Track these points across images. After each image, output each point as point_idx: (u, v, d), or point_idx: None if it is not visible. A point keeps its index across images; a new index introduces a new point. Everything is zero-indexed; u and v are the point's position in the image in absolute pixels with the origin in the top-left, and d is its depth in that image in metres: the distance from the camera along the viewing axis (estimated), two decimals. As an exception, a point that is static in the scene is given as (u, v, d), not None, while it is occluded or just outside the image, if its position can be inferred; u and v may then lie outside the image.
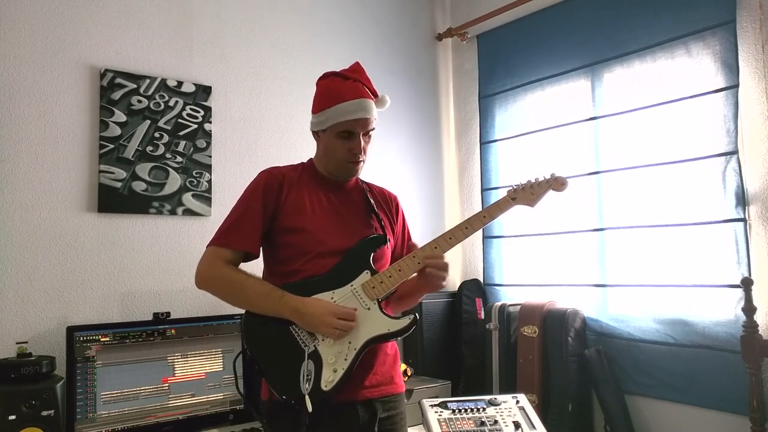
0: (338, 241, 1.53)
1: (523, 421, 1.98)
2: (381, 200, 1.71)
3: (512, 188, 1.65)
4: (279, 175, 1.58)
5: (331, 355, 1.44)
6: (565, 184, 1.61)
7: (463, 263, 3.29)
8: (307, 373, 1.42)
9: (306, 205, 1.55)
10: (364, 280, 1.50)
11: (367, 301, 1.49)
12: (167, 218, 2.34)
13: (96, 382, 1.95)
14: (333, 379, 1.42)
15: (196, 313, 2.29)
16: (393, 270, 1.52)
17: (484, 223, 1.60)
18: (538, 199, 1.63)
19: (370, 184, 1.75)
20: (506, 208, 1.62)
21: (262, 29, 2.69)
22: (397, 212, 1.75)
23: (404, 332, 1.47)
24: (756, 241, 2.17)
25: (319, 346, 1.45)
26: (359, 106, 1.53)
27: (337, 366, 1.43)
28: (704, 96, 2.31)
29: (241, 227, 1.52)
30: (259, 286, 1.48)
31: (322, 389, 1.41)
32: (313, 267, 1.51)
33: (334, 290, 1.49)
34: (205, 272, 1.51)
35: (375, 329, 1.47)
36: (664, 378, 2.35)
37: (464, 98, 3.35)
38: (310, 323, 1.44)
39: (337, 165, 1.59)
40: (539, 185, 1.63)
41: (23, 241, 2.03)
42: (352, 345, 1.45)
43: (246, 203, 1.55)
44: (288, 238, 1.53)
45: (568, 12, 2.81)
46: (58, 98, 2.14)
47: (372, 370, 1.52)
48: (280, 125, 2.69)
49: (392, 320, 1.48)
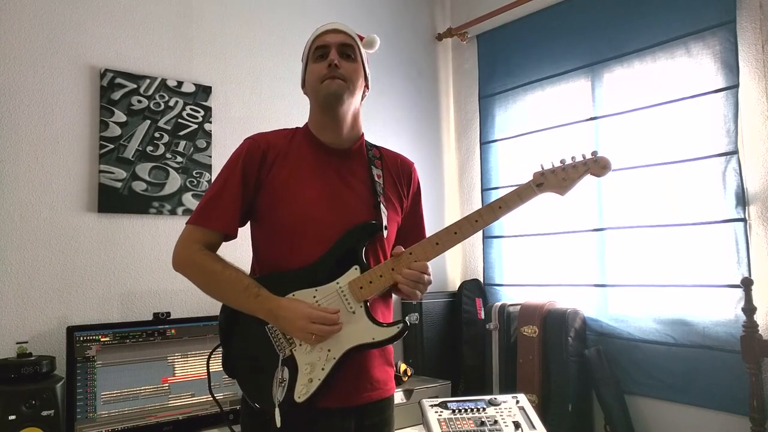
0: (328, 225, 1.37)
1: (523, 421, 1.98)
2: (392, 169, 1.53)
3: (539, 172, 1.38)
4: (263, 142, 1.43)
5: (307, 363, 1.31)
6: (607, 167, 1.34)
7: (463, 263, 3.29)
8: (280, 380, 1.30)
9: (292, 177, 1.40)
10: (352, 277, 1.34)
11: (352, 304, 1.33)
12: (167, 218, 2.34)
13: (96, 382, 1.95)
14: (307, 391, 1.29)
15: (196, 313, 2.29)
16: (385, 269, 1.35)
17: (499, 215, 1.37)
18: (571, 186, 1.36)
19: (381, 149, 1.55)
20: (528, 197, 1.36)
21: (262, 29, 2.69)
22: (410, 184, 1.57)
23: (390, 341, 1.34)
24: (756, 241, 2.17)
25: (295, 351, 1.32)
26: (330, 23, 1.47)
27: (313, 376, 1.30)
28: (704, 96, 2.31)
29: (219, 205, 1.38)
30: (236, 281, 1.34)
31: (295, 400, 1.29)
32: (298, 254, 1.36)
33: (318, 288, 1.34)
34: (180, 256, 1.38)
35: (357, 337, 1.32)
36: (664, 378, 2.35)
37: (464, 98, 3.35)
38: (284, 327, 1.31)
39: (318, 93, 1.41)
40: (575, 168, 1.36)
41: (23, 241, 2.03)
42: (331, 354, 1.31)
43: (225, 177, 1.40)
44: (270, 215, 1.40)
45: (568, 12, 2.81)
46: (58, 98, 2.14)
47: (356, 374, 1.38)
48: (280, 125, 2.64)
49: (378, 328, 1.33)
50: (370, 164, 1.49)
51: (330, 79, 1.39)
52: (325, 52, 1.43)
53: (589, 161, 1.35)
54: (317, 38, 1.46)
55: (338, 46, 1.43)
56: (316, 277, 1.35)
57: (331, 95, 1.39)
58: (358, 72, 1.45)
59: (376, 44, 1.48)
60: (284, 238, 1.39)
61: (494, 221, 1.40)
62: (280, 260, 1.39)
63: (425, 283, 1.37)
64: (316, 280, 1.35)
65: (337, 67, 1.40)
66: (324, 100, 1.41)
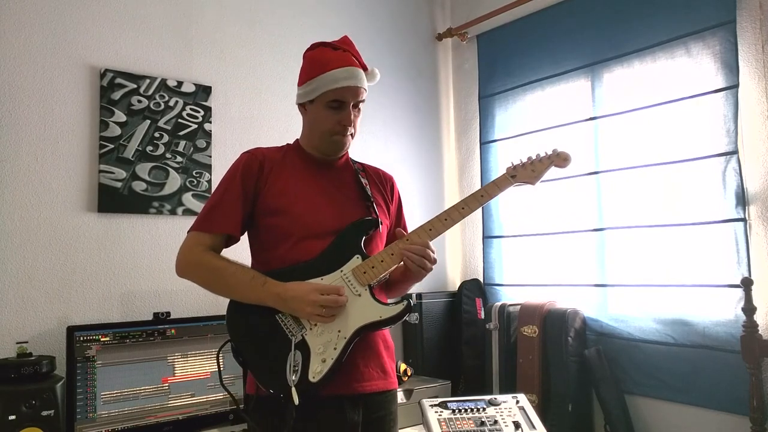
0: (326, 224, 1.45)
1: (523, 421, 1.98)
2: (376, 180, 1.63)
3: (511, 165, 1.56)
4: (260, 155, 1.50)
5: (320, 344, 1.36)
6: (568, 159, 1.54)
7: (463, 263, 3.29)
8: (294, 364, 1.34)
9: (289, 186, 1.48)
10: (355, 264, 1.42)
11: (357, 287, 1.41)
12: (167, 218, 2.34)
13: (96, 382, 1.95)
14: (321, 370, 1.34)
15: (196, 313, 2.29)
16: (385, 254, 1.43)
17: (482, 202, 1.53)
18: (539, 177, 1.55)
19: (363, 163, 1.66)
20: (505, 186, 1.54)
21: (262, 29, 2.69)
22: (392, 193, 1.66)
23: (397, 319, 1.40)
24: (756, 241, 2.17)
25: (306, 335, 1.37)
26: (350, 74, 1.45)
27: (326, 356, 1.35)
28: (704, 96, 2.31)
29: (221, 210, 1.45)
30: (241, 273, 1.40)
31: (310, 380, 1.33)
32: (299, 252, 1.43)
33: (323, 276, 1.41)
34: (184, 259, 1.44)
35: (366, 316, 1.39)
36: (664, 378, 2.35)
37: (464, 98, 3.35)
38: (294, 308, 1.36)
39: (324, 138, 1.50)
40: (540, 162, 1.55)
41: (23, 241, 2.03)
42: (341, 333, 1.37)
43: (225, 186, 1.48)
44: (270, 220, 1.45)
45: (568, 12, 2.81)
46: (58, 98, 2.14)
47: (364, 362, 1.43)
48: (280, 125, 2.69)
49: (384, 306, 1.40)
50: (356, 174, 1.59)
51: (342, 136, 1.49)
52: (341, 105, 1.47)
53: (552, 155, 1.55)
54: (336, 90, 1.45)
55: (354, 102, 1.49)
56: (321, 268, 1.42)
57: (338, 150, 1.53)
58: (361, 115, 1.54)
59: (377, 78, 1.54)
60: (286, 240, 1.44)
61: (478, 208, 1.55)
62: (283, 260, 1.44)
63: (431, 260, 1.44)
64: (320, 271, 1.42)
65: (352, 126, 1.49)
66: (328, 149, 1.53)
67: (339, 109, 1.47)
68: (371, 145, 3.00)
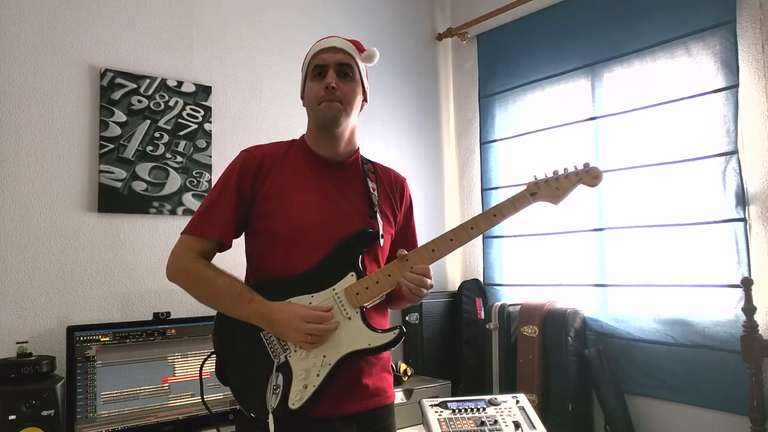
0: (323, 232, 1.37)
1: (523, 421, 1.98)
2: (386, 183, 1.53)
3: (533, 182, 1.41)
4: (258, 155, 1.42)
5: (302, 369, 1.29)
6: (599, 177, 1.39)
7: (463, 263, 3.29)
8: (274, 387, 1.27)
9: (288, 187, 1.40)
10: (349, 283, 1.34)
11: (348, 310, 1.32)
12: (167, 218, 2.34)
13: (96, 382, 1.95)
14: (302, 397, 1.27)
15: (196, 313, 2.28)
16: (382, 275, 1.34)
17: (494, 223, 1.40)
18: (564, 196, 1.40)
19: (375, 164, 1.56)
20: (522, 206, 1.40)
21: (262, 29, 2.69)
22: (403, 198, 1.56)
23: (387, 348, 1.32)
24: (756, 241, 2.17)
25: (290, 357, 1.30)
26: (328, 40, 1.44)
27: (308, 382, 1.28)
28: (704, 96, 2.31)
29: (214, 214, 1.38)
30: (229, 286, 1.33)
31: (289, 407, 1.26)
32: (293, 262, 1.35)
33: (314, 294, 1.33)
34: (173, 265, 1.39)
35: (353, 343, 1.30)
36: (664, 378, 2.35)
37: (464, 98, 3.35)
38: (279, 332, 1.29)
39: (315, 113, 1.41)
40: (567, 178, 1.40)
41: (23, 241, 2.03)
42: (326, 359, 1.29)
43: (220, 188, 1.40)
44: (266, 224, 1.38)
45: (568, 12, 2.81)
46: (58, 98, 2.14)
47: (355, 381, 1.36)
48: (280, 125, 2.69)
49: (375, 334, 1.32)
50: (365, 177, 1.49)
51: (327, 102, 1.38)
52: (323, 71, 1.41)
53: (581, 172, 1.41)
54: (315, 56, 1.43)
55: (336, 66, 1.41)
56: (312, 284, 1.34)
57: (328, 119, 1.40)
58: (356, 91, 1.44)
59: (376, 58, 1.46)
60: (279, 246, 1.37)
61: (489, 228, 1.42)
62: (275, 268, 1.38)
63: (428, 287, 1.38)
64: (312, 287, 1.34)
65: (335, 90, 1.39)
66: (321, 122, 1.42)
67: (322, 75, 1.41)
68: (371, 145, 3.00)
